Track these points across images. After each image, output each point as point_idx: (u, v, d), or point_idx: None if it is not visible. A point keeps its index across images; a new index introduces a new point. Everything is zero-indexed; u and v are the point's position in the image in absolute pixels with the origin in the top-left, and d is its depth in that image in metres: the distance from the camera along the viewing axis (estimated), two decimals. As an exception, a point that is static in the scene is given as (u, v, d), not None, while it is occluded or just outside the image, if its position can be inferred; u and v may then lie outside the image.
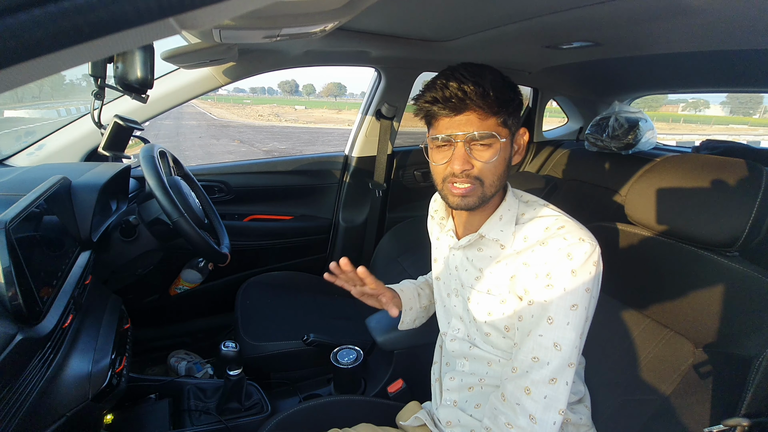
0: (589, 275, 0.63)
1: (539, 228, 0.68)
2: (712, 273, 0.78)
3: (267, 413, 1.09)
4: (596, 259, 0.64)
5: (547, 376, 0.62)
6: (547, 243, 0.65)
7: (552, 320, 0.62)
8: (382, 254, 1.93)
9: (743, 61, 1.33)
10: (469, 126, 0.64)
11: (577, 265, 0.62)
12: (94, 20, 0.12)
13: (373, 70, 1.80)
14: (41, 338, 0.64)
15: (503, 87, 0.64)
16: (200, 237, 1.07)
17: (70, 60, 0.13)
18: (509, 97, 0.65)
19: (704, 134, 29.48)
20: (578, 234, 0.64)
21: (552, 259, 0.63)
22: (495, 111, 0.64)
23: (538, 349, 0.63)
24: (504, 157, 0.67)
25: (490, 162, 0.65)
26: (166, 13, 0.13)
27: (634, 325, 0.88)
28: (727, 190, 0.77)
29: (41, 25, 0.11)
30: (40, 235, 0.78)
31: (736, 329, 0.73)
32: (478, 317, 0.73)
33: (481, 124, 0.64)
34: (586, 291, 0.63)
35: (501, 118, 0.65)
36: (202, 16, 0.15)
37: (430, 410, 0.88)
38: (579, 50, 1.37)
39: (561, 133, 2.54)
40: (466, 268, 0.77)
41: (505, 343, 0.72)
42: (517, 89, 0.67)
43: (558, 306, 0.62)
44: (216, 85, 1.40)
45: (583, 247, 0.63)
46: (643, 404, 0.79)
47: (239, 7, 0.16)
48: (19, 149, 1.30)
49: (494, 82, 0.63)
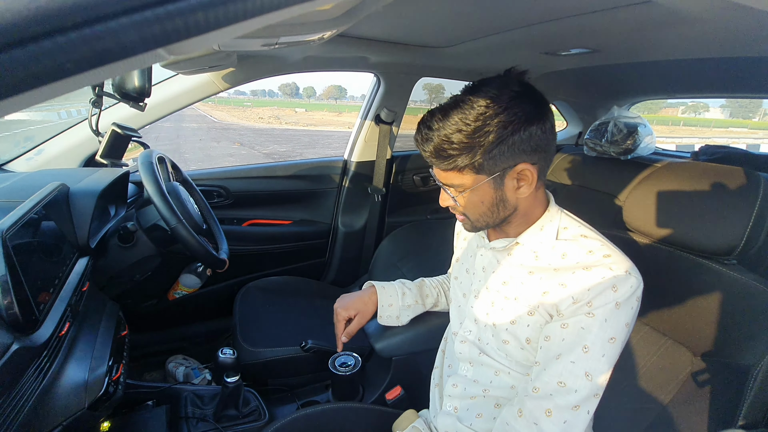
0: (631, 310, 0.62)
1: (582, 249, 0.66)
2: (710, 281, 0.78)
3: (264, 420, 1.08)
4: (639, 295, 0.63)
5: (572, 403, 0.61)
6: (590, 269, 0.63)
7: (588, 350, 0.61)
8: (381, 259, 1.93)
9: (741, 68, 1.33)
10: (438, 174, 0.67)
11: (623, 299, 0.61)
12: (78, 57, 0.12)
13: (372, 75, 1.80)
14: (37, 347, 0.64)
15: (475, 131, 0.59)
16: (198, 243, 1.07)
17: (56, 92, 0.13)
18: (480, 140, 0.60)
19: (704, 137, 29.49)
20: (624, 266, 0.63)
21: (595, 287, 0.62)
22: (453, 166, 0.63)
23: (567, 375, 0.62)
24: (480, 200, 0.66)
25: (466, 204, 0.68)
26: (152, 46, 0.13)
27: (633, 333, 0.88)
28: (725, 198, 0.77)
29: (22, 64, 0.11)
30: (37, 242, 0.78)
31: (734, 338, 0.73)
32: (499, 322, 0.72)
33: (446, 176, 0.66)
34: (626, 326, 0.62)
35: (470, 169, 0.63)
36: (188, 45, 0.15)
37: (427, 419, 0.88)
38: (577, 57, 1.38)
39: (560, 137, 2.55)
40: (494, 269, 0.75)
41: (521, 354, 0.70)
42: (484, 129, 0.59)
43: (596, 336, 0.61)
44: (215, 91, 1.40)
45: (630, 281, 0.62)
46: (641, 413, 0.79)
47: (226, 34, 0.16)
48: (18, 154, 1.30)
49: (463, 127, 0.60)
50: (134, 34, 0.12)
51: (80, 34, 0.11)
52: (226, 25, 0.14)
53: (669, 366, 0.80)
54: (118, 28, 0.12)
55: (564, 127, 2.57)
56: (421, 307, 1.01)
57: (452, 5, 0.95)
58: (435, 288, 1.04)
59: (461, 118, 0.60)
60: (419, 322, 1.04)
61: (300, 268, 1.93)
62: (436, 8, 0.99)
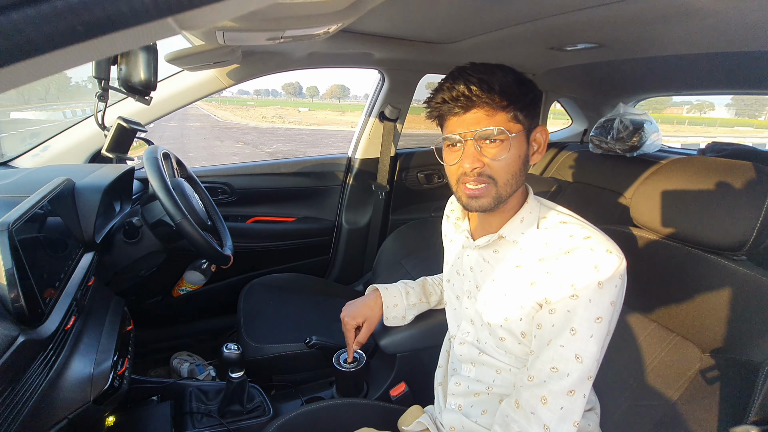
0: (615, 288, 0.62)
1: (563, 235, 0.66)
2: (719, 277, 0.77)
3: (269, 416, 1.08)
4: (622, 272, 0.63)
5: (566, 387, 0.61)
6: (572, 252, 0.63)
7: (575, 331, 0.61)
8: (385, 256, 1.92)
9: (749, 62, 1.31)
10: (477, 123, 0.64)
11: (605, 278, 0.61)
12: (90, 20, 0.11)
13: (376, 72, 1.80)
14: (43, 340, 0.64)
15: (513, 82, 0.63)
16: (203, 239, 1.07)
17: (66, 61, 0.13)
18: (520, 92, 0.64)
19: (709, 136, 29.26)
20: (605, 245, 0.63)
21: (578, 269, 0.62)
22: (503, 106, 0.63)
23: (558, 359, 0.62)
24: (517, 154, 0.66)
25: (501, 159, 0.64)
26: (164, 13, 0.13)
27: (640, 330, 0.87)
28: (735, 192, 0.76)
29: (34, 24, 0.11)
30: (43, 237, 0.79)
31: (744, 334, 0.72)
32: (493, 321, 0.72)
33: (490, 121, 0.63)
34: (611, 304, 0.62)
35: (511, 113, 0.64)
36: (200, 15, 0.15)
37: (432, 414, 0.87)
38: (583, 52, 1.36)
39: (565, 135, 2.53)
40: (482, 268, 0.75)
41: (519, 349, 0.70)
42: (531, 84, 0.65)
43: (582, 317, 0.61)
44: (220, 87, 1.40)
45: (611, 259, 0.62)
46: (649, 410, 0.78)
47: (239, 7, 0.16)
48: (24, 151, 1.30)
49: (503, 78, 0.62)
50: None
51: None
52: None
53: (677, 363, 0.79)
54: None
55: (569, 125, 2.56)
56: (425, 305, 1.01)
57: (457, 0, 0.95)
58: (438, 286, 1.04)
59: (511, 71, 0.64)
60: (423, 319, 1.04)
61: (304, 265, 1.93)
62: (441, 3, 0.99)
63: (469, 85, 0.62)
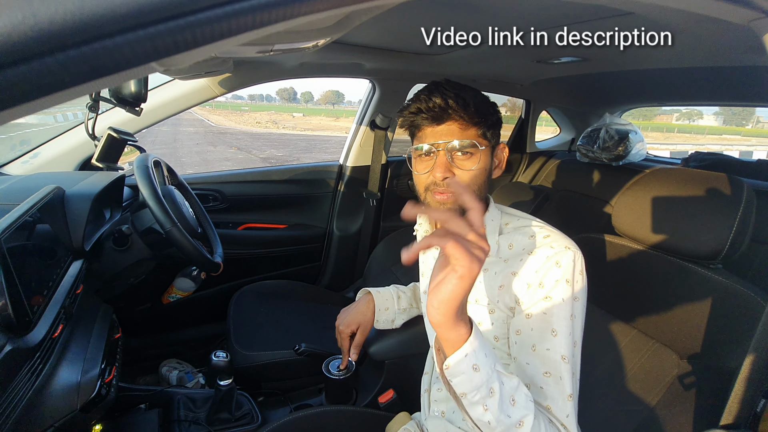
0: (578, 284, 0.64)
1: (524, 236, 0.69)
2: (696, 285, 0.79)
3: (257, 423, 1.08)
4: (581, 267, 0.65)
5: (566, 392, 0.61)
6: (535, 252, 0.66)
7: (556, 332, 0.62)
8: (375, 263, 1.93)
9: (729, 76, 1.36)
10: (450, 135, 0.67)
11: (568, 274, 0.63)
12: (76, 72, 0.13)
13: (368, 82, 1.82)
14: (30, 348, 0.64)
15: (483, 101, 0.69)
16: (192, 246, 1.08)
17: (52, 102, 0.14)
18: (489, 111, 0.69)
19: (698, 144, 29.71)
20: (563, 242, 0.66)
21: (542, 267, 0.64)
22: (475, 122, 0.67)
23: (549, 363, 0.62)
24: (484, 167, 0.70)
25: (470, 170, 0.68)
26: (146, 60, 0.15)
27: (622, 336, 0.89)
28: (710, 203, 0.79)
29: (26, 79, 0.12)
30: (32, 245, 0.79)
31: (719, 341, 0.74)
32: None
33: (462, 134, 0.67)
34: (575, 300, 0.64)
35: (481, 130, 0.68)
36: (181, 59, 0.17)
37: (419, 421, 0.88)
38: (568, 65, 1.40)
39: (554, 143, 2.58)
40: None
41: (495, 353, 0.72)
42: (496, 107, 0.71)
43: (559, 317, 0.62)
44: (211, 96, 1.41)
45: (570, 255, 0.64)
46: (628, 415, 0.80)
47: (216, 48, 0.17)
48: (14, 157, 1.30)
49: (475, 96, 0.68)
50: (128, 51, 0.13)
51: (79, 52, 0.12)
52: (212, 42, 0.15)
53: (656, 368, 0.81)
54: (113, 47, 0.13)
55: (557, 134, 2.60)
56: (416, 310, 1.03)
57: (442, 14, 0.97)
58: None
59: (473, 94, 0.69)
60: (412, 326, 1.05)
61: (295, 272, 1.93)
62: (427, 17, 1.01)
63: (446, 99, 0.65)
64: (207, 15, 0.15)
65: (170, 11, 0.13)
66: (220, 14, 0.15)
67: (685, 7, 0.48)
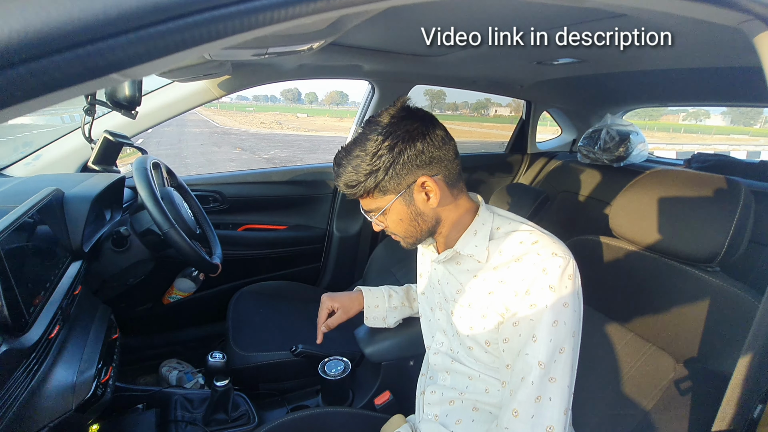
0: (566, 290, 0.63)
1: (514, 242, 0.69)
2: (693, 288, 0.78)
3: (254, 424, 1.09)
4: (571, 272, 0.64)
5: (532, 395, 0.62)
6: (521, 259, 0.66)
7: (536, 338, 0.63)
8: (375, 264, 1.93)
9: (730, 77, 1.34)
10: (362, 204, 0.74)
11: (554, 281, 0.63)
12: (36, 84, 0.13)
13: (367, 83, 1.82)
14: (26, 349, 0.65)
15: (354, 172, 0.68)
16: (190, 247, 1.09)
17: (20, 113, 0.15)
18: (360, 180, 0.67)
19: (705, 144, 29.35)
20: (551, 248, 0.65)
21: (528, 275, 0.64)
22: (363, 191, 0.69)
23: (525, 368, 0.63)
24: (398, 217, 0.72)
25: (390, 222, 0.73)
26: (107, 72, 0.15)
27: (618, 339, 0.88)
28: (708, 205, 0.78)
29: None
30: (30, 246, 0.80)
31: (716, 345, 0.73)
32: (461, 331, 0.74)
33: (365, 203, 0.73)
34: (564, 306, 0.63)
35: (368, 196, 0.70)
36: (141, 70, 0.17)
37: (414, 424, 0.88)
38: (568, 66, 1.40)
39: (555, 144, 2.57)
40: (447, 281, 0.78)
41: (487, 357, 0.72)
42: (378, 154, 0.66)
43: (541, 323, 0.62)
44: (211, 98, 1.42)
45: (556, 261, 0.64)
46: (624, 419, 0.79)
47: (178, 59, 0.18)
48: (17, 159, 1.32)
49: (346, 176, 0.68)
50: (79, 66, 0.13)
51: (27, 69, 0.13)
52: (167, 55, 0.15)
53: (652, 372, 0.81)
54: (62, 62, 0.13)
55: (559, 134, 2.59)
56: (408, 310, 1.03)
57: (439, 15, 0.97)
58: None
59: (360, 149, 0.67)
60: (408, 328, 1.05)
61: (295, 273, 1.94)
62: (424, 18, 1.01)
63: (338, 182, 0.71)
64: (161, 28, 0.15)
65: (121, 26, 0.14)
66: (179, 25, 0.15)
67: (675, 11, 0.48)
